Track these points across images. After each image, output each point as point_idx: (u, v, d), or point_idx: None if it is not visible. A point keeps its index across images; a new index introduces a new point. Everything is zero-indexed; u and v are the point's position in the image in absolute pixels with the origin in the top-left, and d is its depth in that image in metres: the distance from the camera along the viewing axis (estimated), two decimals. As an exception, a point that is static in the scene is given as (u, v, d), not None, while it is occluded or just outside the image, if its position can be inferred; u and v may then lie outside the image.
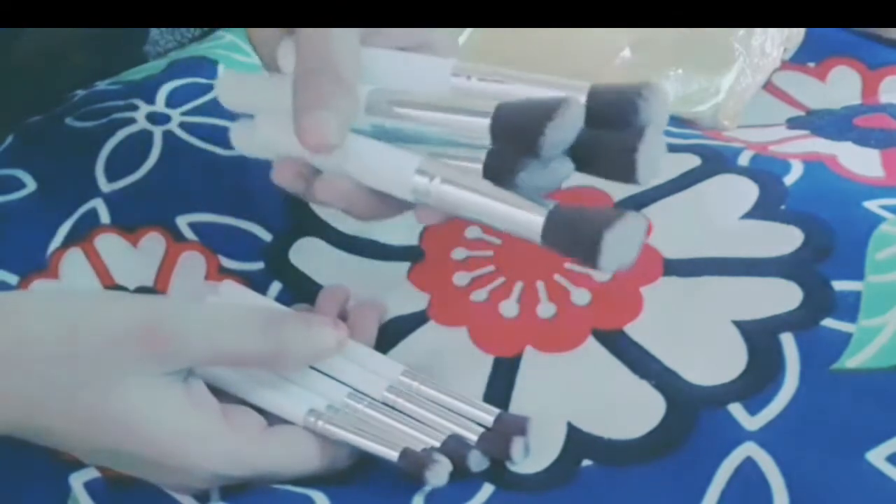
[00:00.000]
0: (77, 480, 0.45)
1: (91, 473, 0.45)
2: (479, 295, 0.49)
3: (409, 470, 0.42)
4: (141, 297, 0.50)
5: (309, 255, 0.53)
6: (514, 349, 0.46)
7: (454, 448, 0.42)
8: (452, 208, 0.42)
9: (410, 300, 0.49)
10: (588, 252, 0.38)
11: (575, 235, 0.39)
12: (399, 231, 0.52)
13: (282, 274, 0.52)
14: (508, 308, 0.48)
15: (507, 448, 0.42)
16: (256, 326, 0.43)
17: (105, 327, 0.41)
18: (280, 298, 0.51)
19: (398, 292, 0.50)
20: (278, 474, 0.43)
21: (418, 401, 0.44)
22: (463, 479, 0.42)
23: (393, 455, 0.42)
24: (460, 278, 0.50)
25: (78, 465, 0.45)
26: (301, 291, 0.50)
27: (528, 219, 0.40)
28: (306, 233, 0.53)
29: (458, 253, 0.51)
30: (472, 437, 0.43)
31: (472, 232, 0.51)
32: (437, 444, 0.43)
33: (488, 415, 0.44)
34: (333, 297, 0.50)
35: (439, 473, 0.41)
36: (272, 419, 0.44)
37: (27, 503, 0.45)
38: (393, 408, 0.44)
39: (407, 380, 0.45)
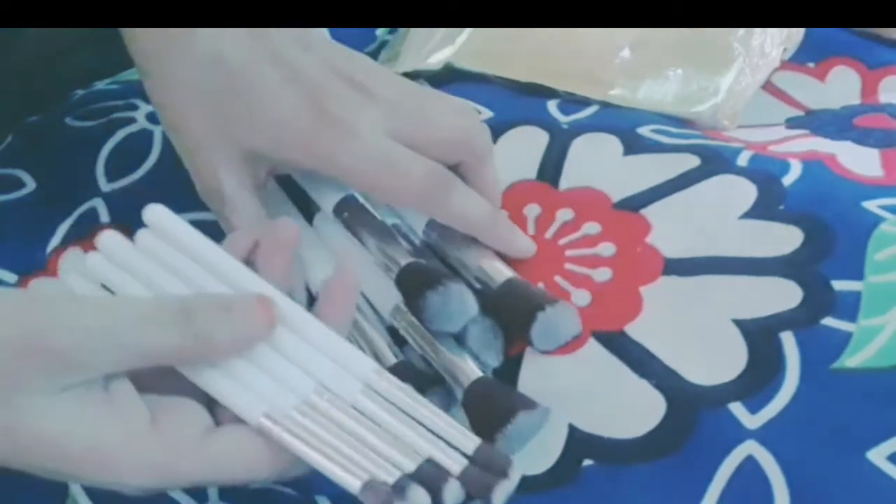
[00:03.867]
0: (75, 480, 0.45)
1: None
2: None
3: (369, 500, 0.38)
4: (19, 296, 0.43)
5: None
6: (514, 350, 0.46)
7: (430, 477, 0.38)
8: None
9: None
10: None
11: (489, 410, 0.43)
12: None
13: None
14: (509, 309, 0.48)
15: (488, 492, 0.39)
16: (169, 319, 0.39)
17: None
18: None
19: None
20: (219, 482, 0.41)
21: (391, 409, 0.40)
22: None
23: (355, 485, 0.38)
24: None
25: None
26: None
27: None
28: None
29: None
30: (448, 462, 0.39)
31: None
32: (412, 467, 0.39)
33: (469, 441, 0.40)
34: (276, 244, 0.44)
35: None
36: (221, 411, 0.40)
37: (26, 504, 0.45)
38: (363, 413, 0.40)
39: (378, 378, 0.41)
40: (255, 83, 0.47)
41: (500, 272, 0.47)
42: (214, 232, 0.53)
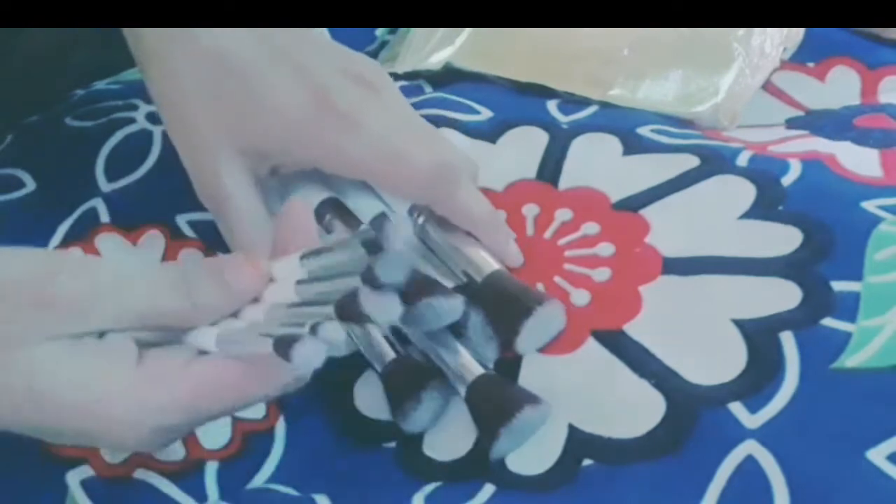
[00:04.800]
0: (73, 479, 0.45)
1: (87, 471, 0.45)
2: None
3: (281, 354, 0.37)
4: (38, 252, 0.46)
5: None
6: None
7: (345, 300, 0.38)
8: None
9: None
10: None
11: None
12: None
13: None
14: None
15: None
16: (169, 282, 0.41)
17: None
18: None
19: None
20: (210, 409, 0.40)
21: (320, 273, 0.40)
22: (360, 323, 0.38)
23: (267, 345, 0.37)
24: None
25: (73, 462, 0.45)
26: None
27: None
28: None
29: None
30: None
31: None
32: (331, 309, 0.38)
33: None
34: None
35: (304, 354, 0.36)
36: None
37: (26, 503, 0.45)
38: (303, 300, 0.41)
39: (304, 259, 0.41)
40: (260, 80, 0.47)
41: (486, 262, 0.47)
42: (212, 232, 0.53)
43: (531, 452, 0.43)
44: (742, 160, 0.51)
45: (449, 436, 0.45)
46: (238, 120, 0.48)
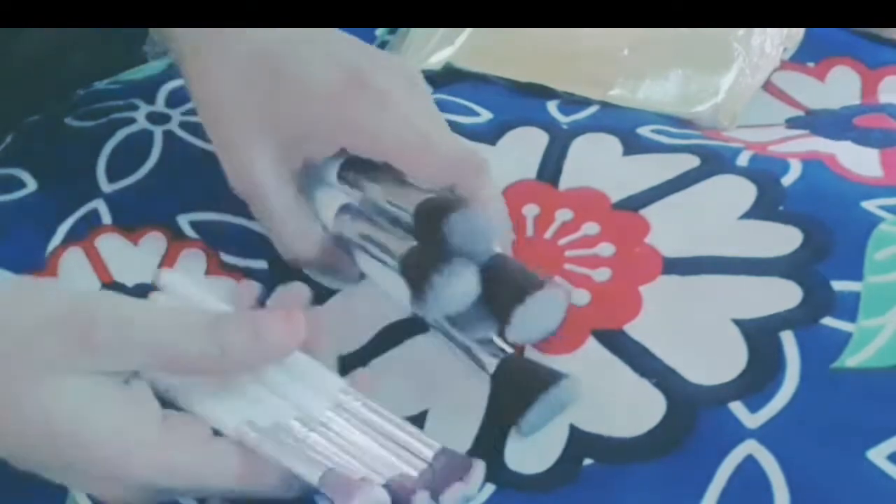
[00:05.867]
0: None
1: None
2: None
3: (330, 494, 0.38)
4: (75, 290, 0.47)
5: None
6: (516, 349, 0.46)
7: (398, 489, 0.39)
8: None
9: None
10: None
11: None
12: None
13: (286, 275, 0.51)
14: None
15: (442, 491, 0.40)
16: (200, 328, 0.41)
17: (31, 319, 0.39)
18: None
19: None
20: (219, 485, 0.41)
21: (360, 426, 0.42)
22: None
23: (315, 475, 0.39)
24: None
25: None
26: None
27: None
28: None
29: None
30: (413, 473, 0.40)
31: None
32: (377, 477, 0.40)
33: (429, 449, 0.41)
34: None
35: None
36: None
37: (27, 504, 0.45)
38: (334, 431, 0.42)
39: (347, 398, 0.42)
40: (293, 60, 0.48)
41: None
42: (215, 233, 0.53)
43: (532, 451, 0.43)
44: (742, 160, 0.51)
45: (449, 436, 0.45)
46: (272, 110, 0.48)
